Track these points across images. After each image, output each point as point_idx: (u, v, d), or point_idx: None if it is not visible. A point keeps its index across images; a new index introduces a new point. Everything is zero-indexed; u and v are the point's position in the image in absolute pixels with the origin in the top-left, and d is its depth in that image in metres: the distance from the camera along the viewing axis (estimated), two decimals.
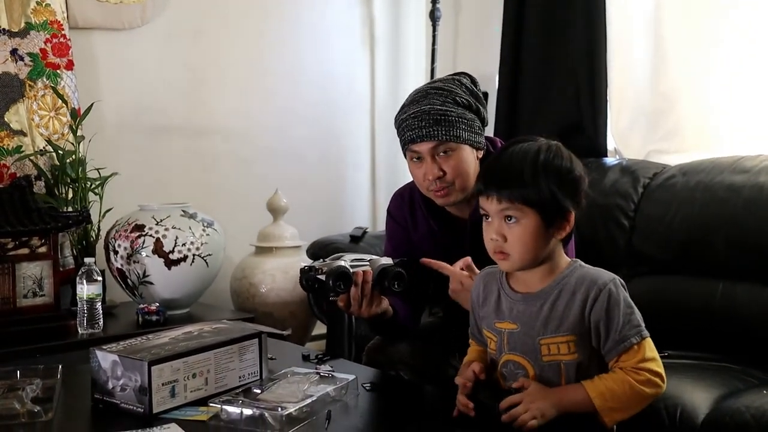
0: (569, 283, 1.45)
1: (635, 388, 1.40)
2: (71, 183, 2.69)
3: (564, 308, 1.44)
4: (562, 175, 1.44)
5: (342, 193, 3.67)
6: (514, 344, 1.49)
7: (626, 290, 1.47)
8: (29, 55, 2.73)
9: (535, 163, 1.43)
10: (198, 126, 3.24)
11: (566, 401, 1.42)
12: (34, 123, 2.74)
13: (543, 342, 1.45)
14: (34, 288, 2.45)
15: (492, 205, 1.45)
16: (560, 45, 3.14)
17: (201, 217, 2.77)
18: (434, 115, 1.82)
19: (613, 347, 1.42)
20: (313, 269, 1.75)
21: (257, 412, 1.46)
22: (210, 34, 3.26)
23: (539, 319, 1.46)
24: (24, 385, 1.60)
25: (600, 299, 1.42)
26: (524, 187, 1.42)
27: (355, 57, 3.67)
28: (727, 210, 2.40)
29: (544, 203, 1.42)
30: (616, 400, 1.41)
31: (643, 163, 2.80)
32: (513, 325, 1.49)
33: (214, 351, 1.62)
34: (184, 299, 2.76)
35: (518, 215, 1.43)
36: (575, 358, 1.44)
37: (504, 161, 1.47)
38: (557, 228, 1.45)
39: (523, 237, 1.43)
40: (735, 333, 2.33)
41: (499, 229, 1.45)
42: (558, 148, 1.48)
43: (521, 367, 1.48)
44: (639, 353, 1.42)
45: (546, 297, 1.46)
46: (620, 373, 1.42)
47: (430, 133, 1.82)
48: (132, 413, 1.51)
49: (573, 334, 1.43)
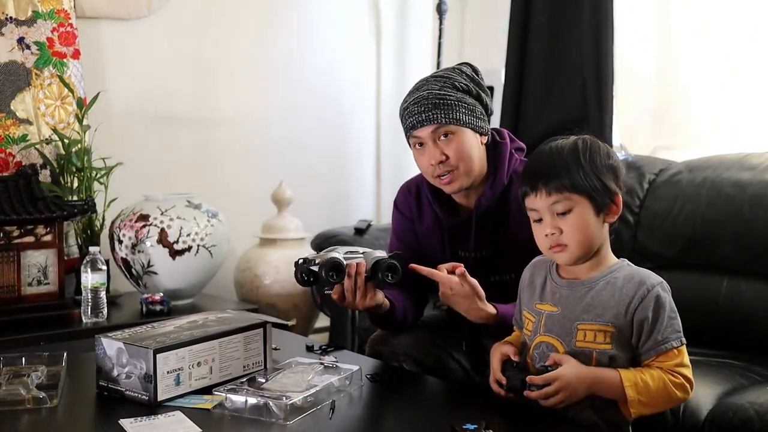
0: (617, 278, 1.49)
1: (668, 389, 1.44)
2: (77, 172, 2.69)
3: (608, 299, 1.47)
4: (603, 160, 1.48)
5: (347, 186, 3.67)
6: (551, 326, 1.51)
7: (671, 295, 1.49)
8: (36, 44, 2.73)
9: (576, 152, 1.48)
10: (203, 117, 3.24)
11: (599, 384, 1.44)
12: (40, 112, 2.74)
13: (581, 327, 1.48)
14: (39, 276, 2.45)
15: (541, 201, 1.48)
16: (567, 40, 3.13)
17: (206, 207, 2.77)
18: (433, 100, 1.82)
19: (653, 347, 1.45)
20: (306, 261, 1.76)
21: (261, 400, 1.46)
22: (216, 25, 3.26)
23: (581, 305, 1.49)
24: (29, 371, 1.61)
25: (648, 298, 1.45)
26: (571, 176, 1.45)
27: (361, 49, 3.67)
28: (732, 206, 2.39)
29: (592, 188, 1.46)
30: (648, 395, 1.43)
31: (648, 159, 2.79)
32: (554, 308, 1.52)
33: (219, 340, 1.62)
34: (188, 289, 2.76)
35: (570, 205, 1.46)
36: (609, 349, 1.46)
37: (544, 157, 1.51)
38: (607, 212, 1.48)
39: (580, 225, 1.46)
40: (739, 329, 2.33)
41: (553, 223, 1.47)
42: (593, 139, 1.53)
43: (554, 348, 1.51)
44: (678, 357, 1.46)
45: (592, 285, 1.49)
46: (657, 370, 1.44)
47: (429, 117, 1.82)
48: (137, 401, 1.52)
49: (612, 326, 1.46)
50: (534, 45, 3.24)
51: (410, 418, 1.51)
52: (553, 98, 3.19)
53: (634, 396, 1.42)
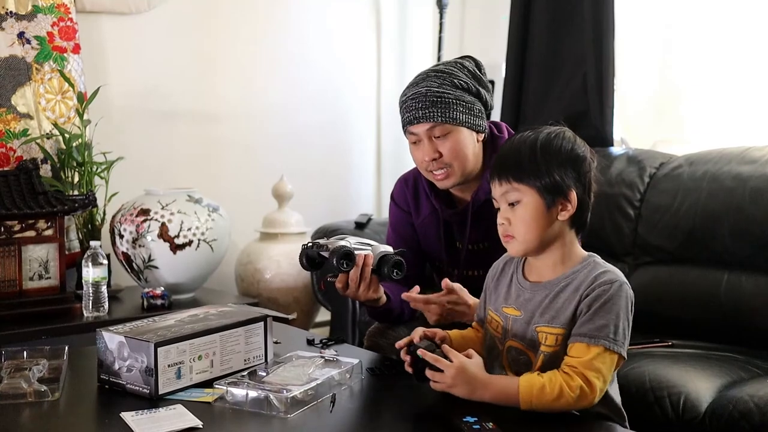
0: (578, 278, 1.45)
1: (564, 391, 1.38)
2: (77, 167, 2.69)
3: (564, 302, 1.45)
4: (562, 155, 1.46)
5: (347, 180, 3.67)
6: (516, 331, 1.50)
7: (629, 302, 1.44)
8: (36, 39, 2.73)
9: (534, 145, 1.46)
10: (204, 111, 3.24)
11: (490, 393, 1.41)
12: (40, 106, 2.74)
13: (539, 330, 1.46)
14: (40, 270, 2.46)
15: (496, 190, 1.49)
16: (568, 34, 3.13)
17: (207, 202, 2.77)
18: (431, 97, 1.83)
19: (576, 334, 1.41)
20: (316, 245, 1.77)
21: (262, 394, 1.46)
22: (216, 20, 3.25)
23: (540, 309, 1.47)
24: (31, 365, 1.61)
25: (598, 291, 1.41)
26: (520, 169, 1.45)
27: (361, 44, 3.66)
28: (733, 200, 2.39)
29: (541, 182, 1.44)
30: (542, 401, 1.38)
31: (649, 153, 2.79)
32: (517, 312, 1.50)
33: (219, 333, 1.62)
34: (189, 284, 2.76)
35: (518, 196, 1.45)
36: (555, 351, 1.44)
37: (506, 149, 1.51)
38: (560, 208, 1.45)
39: (524, 217, 1.45)
40: (740, 323, 2.33)
41: (504, 213, 1.48)
42: (562, 132, 1.50)
43: (523, 353, 1.49)
44: (589, 355, 1.39)
45: (552, 288, 1.47)
46: (556, 373, 1.40)
47: (426, 114, 1.83)
48: (138, 394, 1.52)
49: (563, 328, 1.44)
50: (535, 38, 3.24)
51: (410, 411, 1.51)
52: (554, 92, 3.19)
53: (527, 398, 1.38)
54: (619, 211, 2.66)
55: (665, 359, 2.13)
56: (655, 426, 1.93)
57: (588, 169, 1.49)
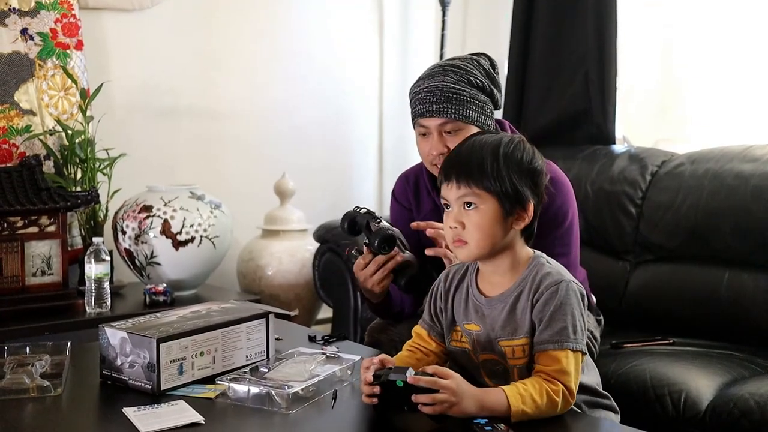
0: (527, 285, 1.45)
1: (550, 396, 1.38)
2: (80, 163, 2.70)
3: (521, 313, 1.45)
4: (522, 166, 1.45)
5: (349, 177, 3.67)
6: (483, 345, 1.50)
7: (579, 297, 1.44)
8: (39, 35, 2.73)
9: (496, 152, 1.44)
10: (206, 108, 3.24)
11: (486, 401, 1.37)
12: (43, 102, 2.74)
13: (502, 344, 1.46)
14: (43, 267, 2.46)
15: (452, 192, 1.45)
16: (570, 32, 3.13)
17: (209, 198, 2.78)
18: (446, 93, 1.83)
19: (539, 343, 1.42)
20: (370, 215, 1.79)
21: (264, 390, 1.47)
22: (219, 17, 3.25)
23: (499, 323, 1.47)
24: (33, 360, 1.61)
25: (548, 293, 1.42)
26: (483, 174, 1.42)
27: (364, 42, 3.66)
28: (735, 198, 2.40)
29: (503, 191, 1.42)
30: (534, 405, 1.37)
31: (651, 151, 2.79)
32: (477, 327, 1.50)
33: (221, 330, 1.63)
34: (191, 280, 2.77)
35: (477, 201, 1.43)
36: (527, 362, 1.45)
37: (465, 151, 1.48)
38: (516, 218, 1.45)
39: (481, 223, 1.43)
40: (741, 321, 2.33)
41: (457, 216, 1.45)
42: (521, 141, 1.49)
43: (499, 363, 1.49)
44: (559, 363, 1.40)
45: (506, 300, 1.47)
46: (537, 379, 1.40)
47: (440, 109, 1.83)
48: (140, 390, 1.53)
49: (526, 338, 1.44)
50: (537, 37, 3.24)
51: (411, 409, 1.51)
52: (556, 90, 3.19)
53: (518, 406, 1.35)
54: (621, 209, 2.66)
55: (666, 357, 2.14)
56: (655, 424, 1.93)
57: (543, 182, 1.49)
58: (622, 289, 2.59)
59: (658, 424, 1.94)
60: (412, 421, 1.40)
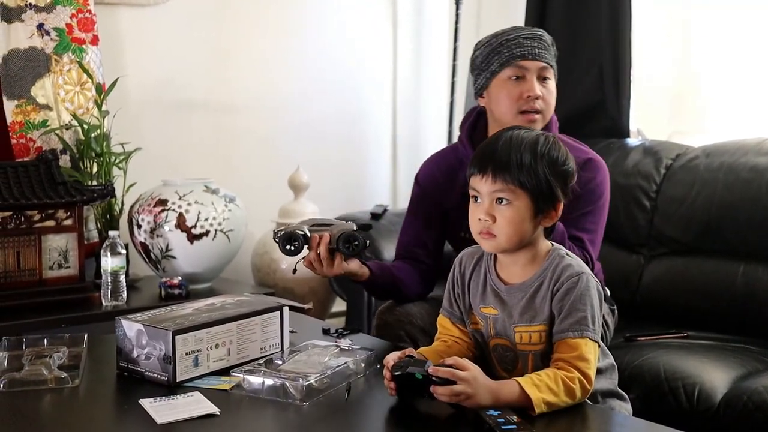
0: (547, 276, 1.48)
1: (566, 383, 1.39)
2: (96, 157, 2.71)
3: (541, 301, 1.47)
4: (558, 166, 1.47)
5: (363, 171, 3.67)
6: (498, 330, 1.52)
7: (596, 288, 1.47)
8: (55, 30, 2.75)
9: (534, 150, 1.45)
10: (221, 102, 3.26)
11: (502, 393, 1.37)
12: (59, 97, 2.76)
13: (517, 330, 1.49)
14: (60, 260, 2.49)
15: (485, 185, 1.46)
16: (584, 25, 3.12)
17: (223, 192, 2.79)
18: (546, 41, 1.94)
19: (559, 332, 1.44)
20: (274, 233, 1.88)
21: (278, 381, 1.48)
22: (233, 11, 3.26)
23: (518, 309, 1.49)
24: (51, 352, 1.63)
25: (568, 284, 1.45)
26: (521, 171, 1.43)
27: (377, 35, 3.66)
28: (750, 191, 2.39)
29: (538, 189, 1.44)
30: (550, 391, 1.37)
31: (665, 144, 2.78)
32: (495, 310, 1.52)
33: (236, 322, 1.64)
34: (206, 274, 2.79)
35: (511, 197, 1.44)
36: (542, 348, 1.47)
37: (502, 145, 1.47)
38: (545, 216, 1.47)
39: (513, 219, 1.44)
40: (755, 314, 2.33)
41: (489, 209, 1.46)
42: (555, 140, 1.50)
43: (510, 350, 1.51)
44: (578, 350, 1.42)
45: (527, 290, 1.49)
46: (551, 370, 1.41)
47: (543, 54, 1.92)
48: (156, 381, 1.54)
49: (544, 324, 1.47)
50: (551, 31, 3.21)
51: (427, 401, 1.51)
52: (571, 83, 3.17)
53: (536, 395, 1.36)
54: (635, 202, 2.66)
55: (680, 350, 2.14)
56: (669, 416, 1.92)
57: (571, 184, 1.51)
58: (636, 282, 2.59)
59: (672, 416, 1.93)
60: (424, 414, 1.41)
